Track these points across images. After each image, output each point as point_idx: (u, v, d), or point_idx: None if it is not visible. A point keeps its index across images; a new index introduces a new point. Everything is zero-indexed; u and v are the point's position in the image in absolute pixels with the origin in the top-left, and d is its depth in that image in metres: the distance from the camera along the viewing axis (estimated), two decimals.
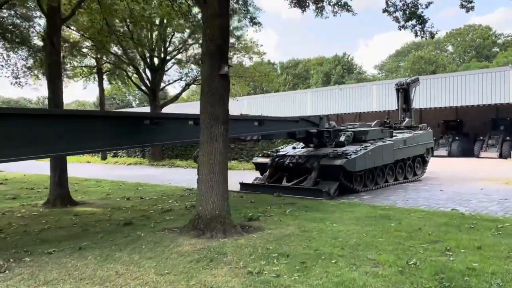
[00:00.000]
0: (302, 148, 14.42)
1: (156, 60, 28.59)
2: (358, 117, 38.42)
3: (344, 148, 13.12)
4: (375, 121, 17.78)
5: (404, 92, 18.57)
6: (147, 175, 21.45)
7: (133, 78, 30.04)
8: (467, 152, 30.20)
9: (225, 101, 7.18)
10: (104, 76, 33.45)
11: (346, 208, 9.76)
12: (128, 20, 15.15)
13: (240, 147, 25.70)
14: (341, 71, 58.51)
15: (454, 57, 69.42)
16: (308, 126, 12.39)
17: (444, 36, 73.48)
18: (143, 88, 28.98)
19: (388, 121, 17.93)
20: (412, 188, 13.78)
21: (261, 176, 14.09)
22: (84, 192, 14.26)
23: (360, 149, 12.81)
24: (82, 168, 27.63)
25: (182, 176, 19.79)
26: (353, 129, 14.33)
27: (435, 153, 30.70)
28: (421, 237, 6.74)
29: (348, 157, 12.12)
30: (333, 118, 38.05)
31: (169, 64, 30.08)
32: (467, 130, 32.65)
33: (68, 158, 37.19)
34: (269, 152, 14.44)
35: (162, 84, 30.26)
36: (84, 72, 33.00)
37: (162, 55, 27.95)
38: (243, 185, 13.68)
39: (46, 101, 12.71)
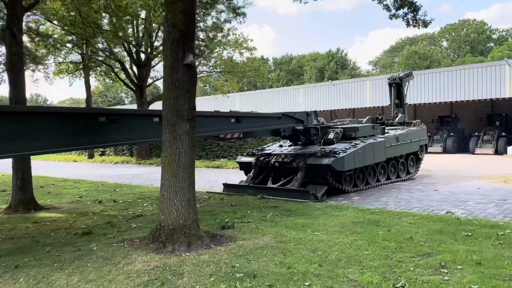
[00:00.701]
0: (289, 146, 13.61)
1: (142, 56, 27.63)
2: (352, 113, 37.67)
3: (332, 146, 12.32)
4: (367, 117, 17.01)
5: (397, 87, 17.78)
6: (132, 174, 20.59)
7: (119, 74, 29.05)
8: (462, 148, 29.52)
9: (191, 95, 6.33)
10: (91, 73, 32.46)
11: (332, 212, 8.96)
12: (103, 12, 14.17)
13: (229, 144, 24.86)
14: (334, 67, 57.57)
15: (448, 52, 68.78)
16: (292, 123, 11.56)
17: (439, 32, 72.83)
18: (130, 84, 27.99)
19: (380, 117, 17.11)
20: (405, 188, 13.00)
21: (247, 177, 13.27)
22: (57, 194, 13.38)
23: (350, 147, 12.01)
24: (67, 168, 26.73)
25: (155, 175, 18.89)
26: (342, 126, 13.53)
27: (430, 149, 30.07)
28: (412, 248, 5.94)
29: (336, 155, 11.32)
30: (326, 114, 37.37)
31: (157, 59, 29.17)
32: (462, 126, 31.98)
33: (55, 156, 36.33)
34: (254, 151, 13.61)
35: (150, 81, 29.31)
36: (70, 69, 32.01)
37: (149, 49, 26.99)
38: (226, 186, 12.85)
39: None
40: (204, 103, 41.42)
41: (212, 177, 17.78)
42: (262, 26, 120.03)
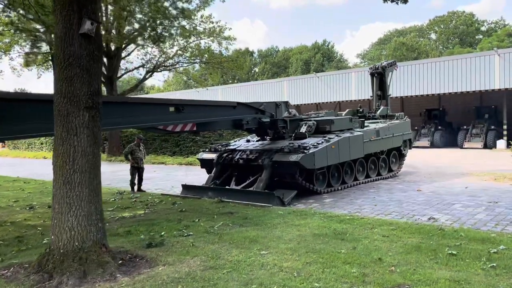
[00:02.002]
0: (257, 141, 12.16)
1: (112, 46, 25.89)
2: (338, 106, 36.30)
3: (303, 141, 10.89)
4: (346, 110, 15.64)
5: (379, 77, 16.37)
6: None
7: None
8: (451, 142, 28.34)
9: (92, 75, 4.82)
10: None
11: (294, 220, 7.53)
12: None
13: (204, 140, 23.32)
14: (321, 59, 55.92)
15: (437, 44, 67.68)
16: (251, 113, 9.99)
17: (428, 24, 71.67)
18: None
19: (361, 110, 15.74)
20: (386, 188, 11.63)
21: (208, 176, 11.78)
22: None
23: (322, 142, 10.60)
24: (33, 165, 25.00)
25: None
26: (316, 119, 12.09)
27: (417, 143, 28.87)
28: (378, 276, 4.53)
29: (306, 151, 9.89)
30: (312, 107, 35.94)
31: (130, 49, 27.48)
32: (451, 119, 30.78)
33: (26, 153, 34.49)
34: (216, 147, 12.14)
35: (121, 72, 27.62)
36: (38, 60, 30.17)
37: (116, 39, 25.21)
38: (185, 188, 11.36)
39: None
40: (184, 97, 39.80)
41: (180, 176, 16.30)
42: (254, 20, 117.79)
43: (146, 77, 27.99)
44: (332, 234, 6.46)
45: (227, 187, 10.94)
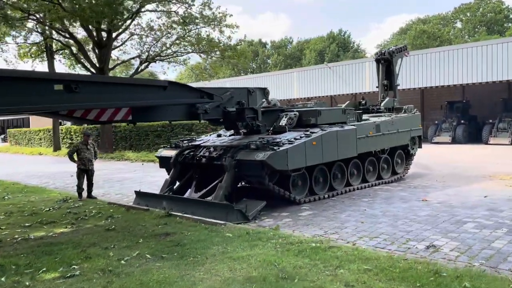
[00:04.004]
0: (230, 136, 10.13)
1: (104, 35, 24.20)
2: (354, 98, 33.77)
3: (278, 136, 8.82)
4: (346, 102, 13.46)
5: (386, 64, 14.03)
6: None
7: (79, 57, 25.70)
8: (474, 137, 25.60)
9: None
10: (56, 56, 29.30)
11: (238, 250, 5.51)
12: None
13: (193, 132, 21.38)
14: (336, 50, 52.81)
15: (463, 33, 63.78)
16: (194, 97, 7.67)
17: (452, 12, 67.69)
18: (90, 68, 24.59)
19: (363, 102, 13.54)
20: (384, 196, 9.45)
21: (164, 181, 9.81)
22: None
23: (302, 137, 8.51)
24: (24, 162, 23.64)
25: (114, 175, 15.62)
26: (299, 110, 9.96)
27: (437, 139, 26.26)
28: None
29: (276, 148, 7.81)
30: (326, 100, 33.56)
31: (123, 38, 25.84)
32: (475, 113, 27.88)
33: (24, 149, 33.33)
34: (177, 142, 10.16)
35: (113, 63, 25.96)
36: (33, 52, 28.90)
37: (108, 27, 23.48)
38: (138, 195, 9.43)
39: None
40: None
41: (160, 177, 14.41)
42: (277, 14, 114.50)
43: (142, 67, 26.23)
44: (274, 279, 4.41)
45: (186, 195, 8.99)
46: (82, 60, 24.89)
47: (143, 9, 23.43)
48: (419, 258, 5.18)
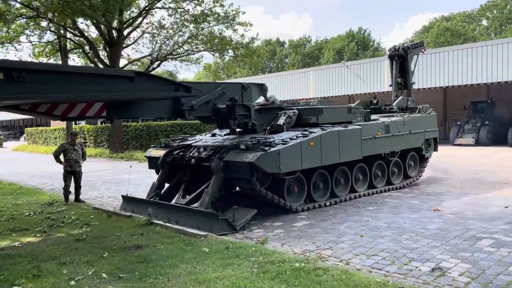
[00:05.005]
0: (225, 135, 9.40)
1: (114, 33, 23.85)
2: (374, 98, 32.67)
3: (272, 135, 8.05)
4: (357, 102, 12.59)
5: (400, 61, 13.06)
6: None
7: (90, 55, 25.44)
8: (500, 139, 24.17)
9: None
10: (70, 55, 29.19)
11: (208, 270, 4.77)
12: None
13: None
14: (355, 48, 51.30)
15: (489, 31, 61.35)
16: (169, 91, 6.78)
17: (478, 9, 65.24)
18: (101, 66, 24.27)
19: (375, 101, 12.65)
20: (392, 204, 8.56)
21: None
22: None
23: (298, 136, 7.72)
24: (34, 161, 23.49)
25: (116, 175, 15.12)
26: (298, 108, 9.14)
27: (460, 141, 24.92)
28: None
29: (266, 148, 7.04)
30: (343, 100, 32.52)
31: (134, 37, 25.50)
32: (500, 113, 26.40)
33: (36, 148, 33.39)
34: (168, 142, 9.47)
35: (124, 62, 25.63)
36: (48, 51, 28.87)
37: (119, 25, 23.11)
38: (125, 200, 8.79)
39: None
40: None
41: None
42: (301, 13, 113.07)
43: (154, 66, 25.77)
44: None
45: (173, 200, 8.31)
46: (94, 59, 24.61)
47: (151, 5, 22.96)
48: (420, 285, 4.35)
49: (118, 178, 14.47)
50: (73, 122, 31.49)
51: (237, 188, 9.01)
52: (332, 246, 5.88)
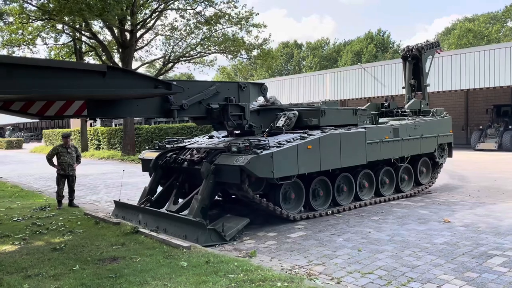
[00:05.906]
0: (223, 137, 8.94)
1: (127, 35, 23.76)
2: (385, 101, 31.81)
3: (268, 138, 7.55)
4: (367, 104, 11.97)
5: (414, 62, 12.39)
6: (85, 174, 16.70)
7: (103, 57, 25.44)
8: None
9: None
10: (86, 57, 29.35)
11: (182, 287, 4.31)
12: None
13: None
14: (374, 50, 50.15)
15: None
16: (150, 87, 6.23)
17: (504, 10, 63.25)
18: None
19: (387, 104, 12.02)
20: (399, 214, 7.95)
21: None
22: None
23: (295, 139, 7.21)
24: (45, 163, 23.54)
25: (120, 179, 14.85)
26: (299, 109, 8.62)
27: (482, 146, 23.88)
28: None
29: (258, 152, 6.55)
30: (361, 103, 31.74)
31: (147, 39, 25.38)
32: None
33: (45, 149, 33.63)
34: (161, 143, 9.05)
35: (137, 64, 25.51)
36: (65, 54, 29.08)
37: (131, 27, 23.00)
38: (118, 206, 8.42)
39: None
40: None
41: None
42: (323, 16, 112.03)
43: (166, 69, 25.59)
44: None
45: (165, 207, 7.90)
46: (107, 62, 24.59)
47: (163, 7, 22.77)
48: None
49: (123, 181, 14.17)
50: (89, 124, 31.74)
51: None
52: (325, 262, 5.35)
